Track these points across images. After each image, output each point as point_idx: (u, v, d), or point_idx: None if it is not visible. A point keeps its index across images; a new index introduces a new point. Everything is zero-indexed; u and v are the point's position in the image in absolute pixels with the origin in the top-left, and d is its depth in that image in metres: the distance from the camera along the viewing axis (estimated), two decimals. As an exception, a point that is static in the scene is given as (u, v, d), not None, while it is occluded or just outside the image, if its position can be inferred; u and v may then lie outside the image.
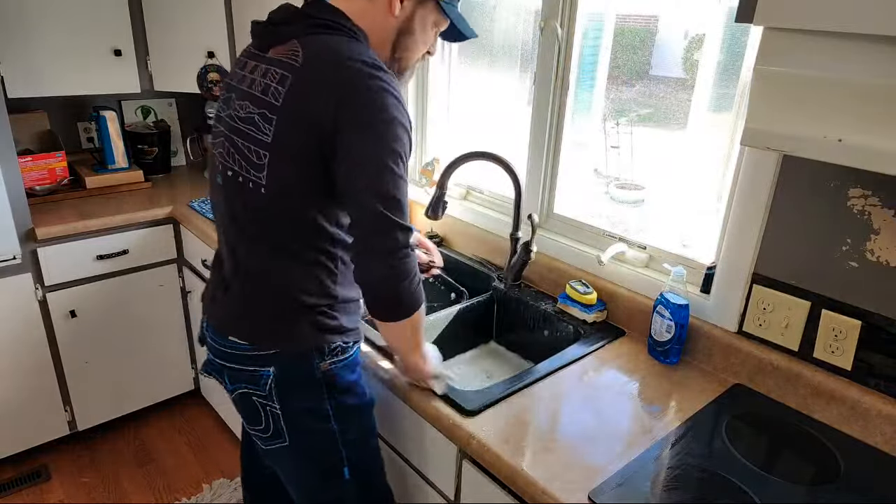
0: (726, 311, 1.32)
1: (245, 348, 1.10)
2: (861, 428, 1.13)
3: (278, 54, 1.01)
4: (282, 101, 0.97)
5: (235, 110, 1.05)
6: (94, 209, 2.15)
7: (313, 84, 0.96)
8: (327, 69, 0.96)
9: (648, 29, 1.53)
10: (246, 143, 1.02)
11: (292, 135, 0.97)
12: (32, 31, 2.03)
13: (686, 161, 1.51)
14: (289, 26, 1.03)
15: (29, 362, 2.09)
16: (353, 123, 0.95)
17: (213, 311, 1.17)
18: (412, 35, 1.12)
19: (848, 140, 0.82)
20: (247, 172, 1.02)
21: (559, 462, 1.04)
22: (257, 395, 1.11)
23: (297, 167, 0.99)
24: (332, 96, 0.94)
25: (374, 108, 0.96)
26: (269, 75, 1.00)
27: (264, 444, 1.18)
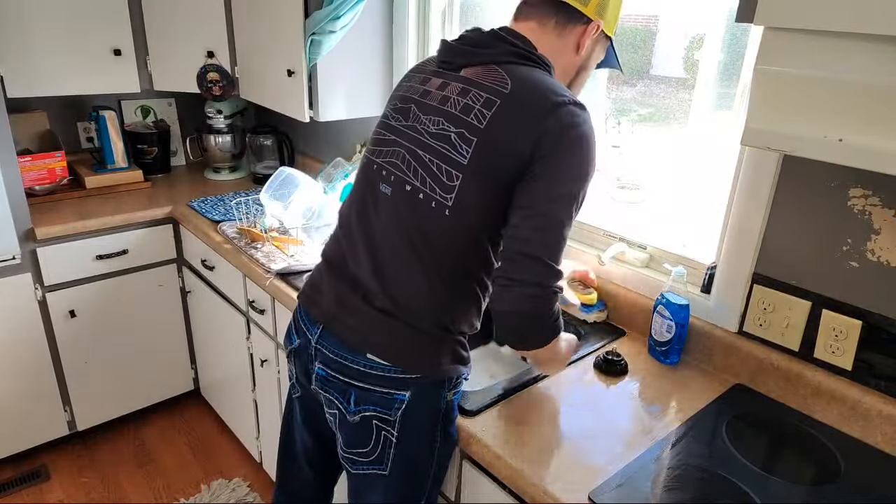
0: (727, 311, 1.32)
1: (385, 368, 1.03)
2: (861, 428, 1.13)
3: (478, 77, 1.01)
4: (486, 124, 0.96)
5: (423, 124, 1.02)
6: (94, 209, 2.15)
7: (522, 111, 0.96)
8: (537, 99, 0.96)
9: (648, 29, 1.52)
10: (436, 160, 0.99)
11: (491, 159, 0.96)
12: (32, 31, 2.03)
13: (686, 161, 1.51)
14: (486, 49, 1.03)
15: (29, 362, 2.09)
16: (551, 161, 0.95)
17: (343, 323, 1.08)
18: (587, 72, 1.16)
19: (848, 140, 0.82)
20: (431, 191, 0.99)
21: (559, 462, 1.04)
22: (381, 419, 1.06)
23: (486, 192, 0.97)
24: (540, 127, 0.94)
25: (577, 154, 0.96)
26: (471, 96, 0.99)
27: (357, 468, 1.12)
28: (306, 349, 1.14)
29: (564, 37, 1.08)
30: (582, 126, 0.96)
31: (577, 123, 0.96)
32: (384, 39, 2.03)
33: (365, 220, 1.09)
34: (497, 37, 1.05)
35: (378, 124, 1.14)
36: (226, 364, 2.21)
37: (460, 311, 1.06)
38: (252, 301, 1.87)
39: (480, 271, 1.05)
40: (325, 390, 1.11)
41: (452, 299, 1.04)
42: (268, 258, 1.79)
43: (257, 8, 2.06)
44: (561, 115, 0.95)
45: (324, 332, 1.10)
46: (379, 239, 1.06)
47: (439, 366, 1.05)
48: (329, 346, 1.09)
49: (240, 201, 2.16)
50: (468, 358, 1.10)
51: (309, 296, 1.16)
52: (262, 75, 2.15)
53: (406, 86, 1.12)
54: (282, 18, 1.93)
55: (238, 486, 2.17)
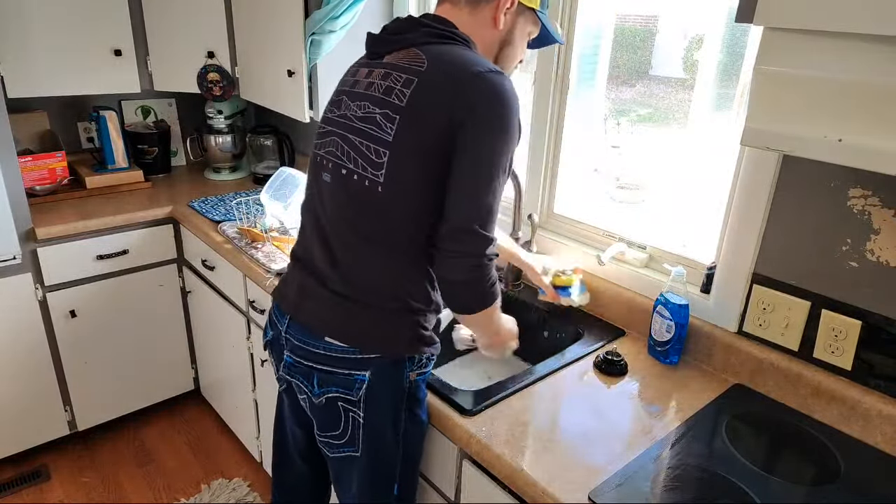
0: (726, 311, 1.32)
1: (343, 350, 1.07)
2: (861, 428, 1.13)
3: (399, 60, 1.04)
4: (406, 101, 0.99)
5: (352, 111, 1.07)
6: (94, 209, 2.15)
7: (439, 85, 0.99)
8: (454, 72, 0.99)
9: (648, 29, 1.53)
10: (365, 141, 1.03)
11: (414, 133, 0.99)
12: (32, 31, 2.03)
13: (686, 161, 1.51)
14: (405, 35, 1.07)
15: (29, 362, 2.09)
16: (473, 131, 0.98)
17: (304, 310, 1.13)
18: (512, 46, 1.16)
19: (848, 140, 0.82)
20: (363, 170, 1.03)
21: (559, 462, 1.04)
22: (345, 401, 1.09)
23: (415, 165, 1.00)
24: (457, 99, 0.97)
25: (497, 121, 0.99)
26: (392, 78, 1.02)
27: (333, 451, 1.16)
28: (278, 340, 1.19)
29: (478, 13, 1.10)
30: (499, 93, 0.98)
31: (493, 91, 0.98)
32: (384, 40, 2.03)
33: (314, 209, 1.14)
34: (416, 22, 1.09)
35: (320, 120, 1.18)
36: (226, 364, 2.22)
37: (413, 285, 1.08)
38: (252, 301, 1.88)
39: (427, 244, 1.05)
40: (292, 376, 1.16)
41: (402, 276, 1.07)
42: (268, 258, 1.79)
43: (257, 8, 2.06)
44: (476, 85, 0.98)
45: (290, 322, 1.15)
46: (326, 225, 1.10)
47: (397, 344, 1.08)
48: (294, 334, 1.14)
49: (240, 201, 2.17)
50: (430, 337, 1.12)
51: (279, 290, 1.22)
52: (262, 75, 2.15)
53: (342, 80, 1.17)
54: (282, 18, 1.93)
55: (238, 485, 2.17)
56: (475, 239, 1.01)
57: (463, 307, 1.09)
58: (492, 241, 1.03)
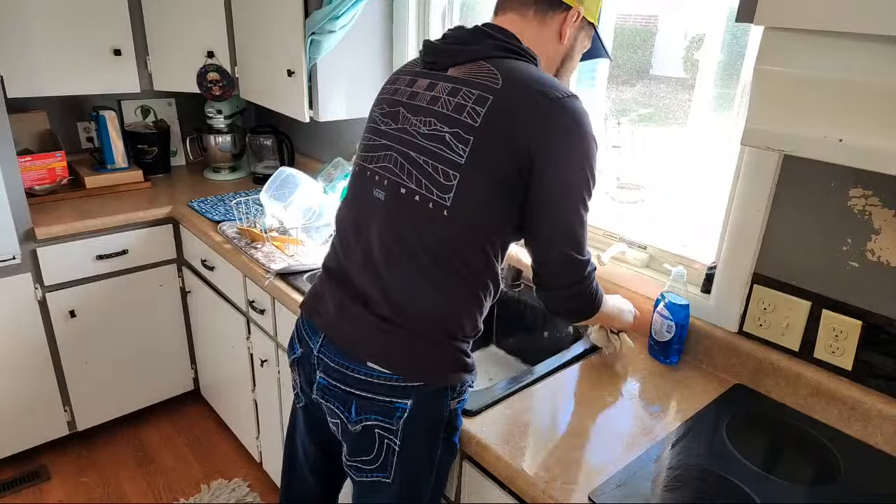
0: (727, 311, 1.32)
1: (386, 377, 1.02)
2: (861, 428, 1.13)
3: (467, 74, 1.00)
4: (481, 122, 0.95)
5: (414, 126, 1.01)
6: (94, 209, 2.15)
7: (518, 107, 0.95)
8: (532, 94, 0.96)
9: (648, 29, 1.53)
10: (431, 160, 0.98)
11: (489, 156, 0.95)
12: (32, 31, 2.03)
13: (686, 161, 1.51)
14: (471, 46, 1.03)
15: (29, 362, 2.09)
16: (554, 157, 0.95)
17: (344, 331, 1.07)
18: (572, 60, 1.15)
19: (848, 140, 0.82)
20: (428, 192, 0.98)
21: (559, 462, 1.04)
22: (382, 429, 1.04)
23: (488, 190, 0.96)
24: (536, 124, 0.94)
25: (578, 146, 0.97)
26: (462, 95, 0.98)
27: (361, 475, 1.10)
28: (308, 359, 1.13)
29: (545, 26, 1.08)
30: (578, 119, 0.97)
31: (573, 117, 0.96)
32: (384, 39, 2.03)
33: (361, 227, 1.08)
34: (481, 33, 1.04)
35: (367, 130, 1.13)
36: (226, 364, 2.21)
37: (462, 315, 1.04)
38: (252, 301, 1.87)
39: (483, 274, 1.03)
40: (327, 399, 1.10)
41: (454, 303, 1.02)
42: (268, 258, 1.79)
43: (257, 8, 2.06)
44: (557, 111, 0.95)
45: (325, 341, 1.09)
46: (376, 245, 1.04)
47: (442, 373, 1.03)
48: (330, 355, 1.07)
49: (240, 201, 2.16)
50: (472, 365, 1.08)
51: (311, 305, 1.15)
52: (262, 75, 2.15)
53: (392, 89, 1.11)
54: (282, 18, 1.93)
55: (238, 486, 2.17)
56: (573, 266, 1.02)
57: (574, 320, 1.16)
58: (588, 262, 1.04)
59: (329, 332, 1.09)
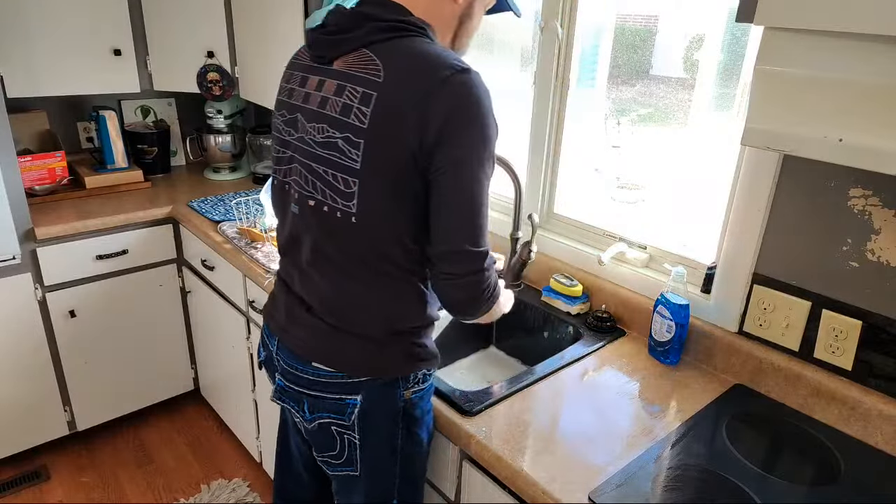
0: (727, 311, 1.32)
1: (332, 375, 1.04)
2: (861, 428, 1.13)
3: (350, 68, 0.94)
4: (368, 123, 0.90)
5: (310, 134, 0.98)
6: (94, 209, 2.15)
7: (404, 100, 0.89)
8: (417, 81, 0.89)
9: (648, 29, 1.53)
10: (330, 170, 0.95)
11: (382, 157, 0.91)
12: (32, 30, 2.03)
13: (686, 161, 1.51)
14: (352, 34, 0.96)
15: (29, 362, 2.09)
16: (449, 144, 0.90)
17: (292, 334, 1.09)
18: (472, 20, 1.07)
19: (848, 140, 0.82)
20: (333, 202, 0.96)
21: (559, 462, 1.04)
22: (338, 425, 1.06)
23: (390, 191, 0.93)
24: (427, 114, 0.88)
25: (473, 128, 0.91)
26: (347, 93, 0.93)
27: (332, 470, 1.14)
28: (271, 360, 1.16)
29: None
30: (471, 98, 0.90)
31: (465, 97, 0.89)
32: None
33: (289, 240, 1.09)
34: (361, 15, 0.96)
35: (273, 139, 1.10)
36: (226, 364, 2.21)
37: (403, 308, 1.04)
38: (252, 301, 1.87)
39: (414, 264, 1.01)
40: (283, 400, 1.13)
41: (391, 299, 1.02)
42: (268, 258, 1.79)
43: (257, 8, 2.06)
44: (446, 94, 0.88)
45: (279, 344, 1.12)
46: (303, 255, 1.05)
47: (387, 367, 1.04)
48: (284, 358, 1.10)
49: (240, 201, 2.16)
50: (428, 354, 1.08)
51: (268, 310, 1.18)
52: (261, 75, 2.15)
53: (288, 90, 1.06)
54: (282, 18, 1.93)
55: (238, 486, 2.17)
56: (469, 258, 0.96)
57: (466, 318, 1.07)
58: (485, 254, 0.98)
59: (280, 336, 1.11)
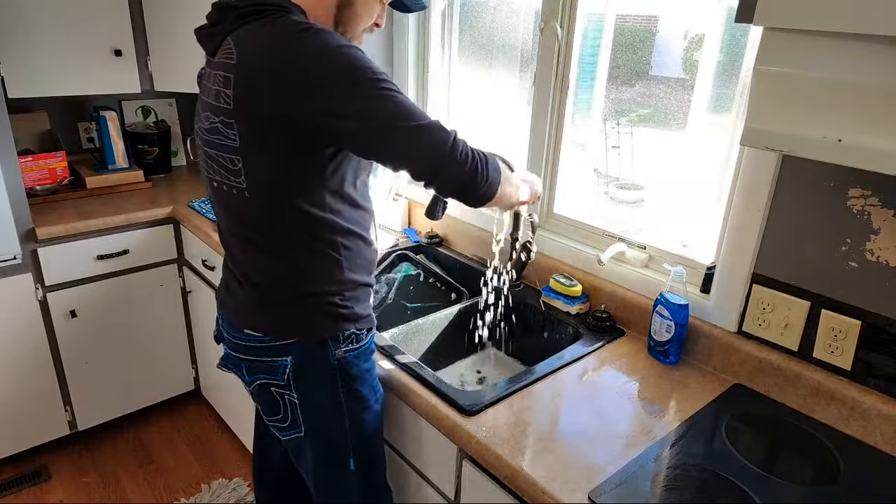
0: (726, 311, 1.32)
1: (262, 339, 1.11)
2: (861, 428, 1.13)
3: (219, 57, 1.01)
4: (234, 104, 0.95)
5: (202, 123, 1.07)
6: (95, 209, 2.15)
7: (257, 76, 0.92)
8: (265, 57, 0.91)
9: (648, 29, 1.53)
10: (218, 152, 1.03)
11: (257, 133, 0.95)
12: (32, 31, 2.03)
13: (686, 161, 1.51)
14: (219, 26, 1.02)
15: (29, 362, 2.09)
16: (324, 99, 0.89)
17: (228, 305, 1.19)
18: (352, 6, 1.05)
19: (848, 140, 0.82)
20: (227, 180, 1.04)
21: (559, 462, 1.04)
22: (275, 385, 1.14)
23: (272, 164, 0.97)
24: (283, 83, 0.89)
25: (336, 66, 0.89)
26: (216, 79, 0.99)
27: (282, 435, 1.21)
28: (221, 334, 1.24)
29: None
30: (315, 44, 0.89)
31: (315, 52, 0.88)
32: (384, 39, 2.03)
33: (216, 212, 1.17)
34: (224, 7, 1.01)
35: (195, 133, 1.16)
36: (226, 364, 2.22)
37: (313, 275, 1.08)
38: (252, 301, 1.87)
39: (319, 229, 1.04)
40: (227, 368, 1.23)
41: (305, 264, 1.07)
42: (268, 258, 1.79)
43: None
44: (291, 52, 0.89)
45: (223, 317, 1.21)
46: (225, 231, 1.15)
47: (310, 328, 1.10)
48: (225, 329, 1.19)
49: (240, 201, 2.17)
50: (351, 314, 1.11)
51: (217, 287, 1.27)
52: (262, 75, 2.15)
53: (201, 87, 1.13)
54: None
55: (238, 485, 2.17)
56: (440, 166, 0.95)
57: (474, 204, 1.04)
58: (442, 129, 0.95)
59: (223, 309, 1.21)
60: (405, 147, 0.94)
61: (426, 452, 1.27)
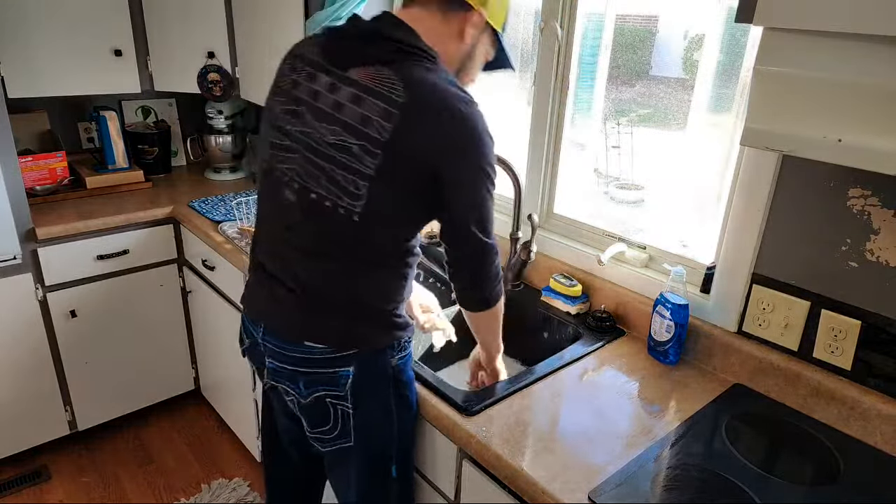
0: (726, 311, 1.32)
1: (322, 351, 1.09)
2: (861, 428, 1.13)
3: (370, 81, 1.00)
4: (389, 138, 0.97)
5: (319, 133, 1.03)
6: (95, 209, 2.15)
7: (424, 123, 0.99)
8: (437, 109, 0.99)
9: (648, 29, 1.53)
10: (339, 170, 1.01)
11: (397, 171, 1.00)
12: (32, 31, 2.03)
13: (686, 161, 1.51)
14: (371, 48, 1.03)
15: (29, 362, 2.09)
16: (463, 165, 1.02)
17: (273, 315, 1.14)
18: (473, 62, 1.16)
19: (848, 140, 0.82)
20: (338, 199, 1.01)
21: (559, 462, 1.04)
22: (333, 396, 1.12)
23: (398, 201, 1.02)
24: (442, 139, 0.99)
25: (480, 153, 1.03)
26: (366, 105, 0.99)
27: (326, 445, 1.18)
28: (256, 347, 1.20)
29: (448, 22, 1.09)
30: (475, 126, 1.02)
31: (472, 126, 1.01)
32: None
33: (277, 224, 1.12)
34: (379, 34, 1.05)
35: (270, 124, 1.12)
36: (226, 364, 2.22)
37: (384, 291, 1.11)
38: (252, 301, 1.87)
39: (400, 257, 1.10)
40: (277, 380, 1.17)
41: (377, 285, 1.10)
42: (268, 258, 1.79)
43: (258, 8, 2.06)
44: (458, 125, 1.00)
45: (266, 330, 1.16)
46: (291, 242, 1.09)
47: (373, 338, 1.11)
48: (272, 341, 1.14)
49: (240, 201, 2.17)
50: (404, 323, 1.16)
51: (247, 298, 1.22)
52: (262, 76, 2.15)
53: (291, 80, 1.10)
54: (282, 19, 1.93)
55: (238, 485, 2.17)
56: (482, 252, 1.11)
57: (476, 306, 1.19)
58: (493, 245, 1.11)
59: (265, 321, 1.16)
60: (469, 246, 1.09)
61: (426, 452, 1.27)
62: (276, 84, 1.13)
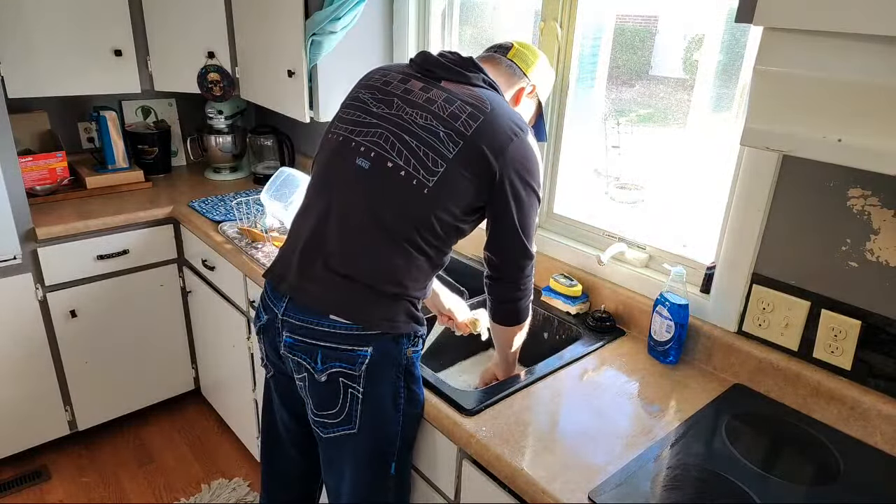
0: (726, 310, 1.32)
1: (347, 327, 1.12)
2: (861, 428, 1.13)
3: (461, 92, 1.16)
4: (472, 132, 1.11)
5: (410, 116, 1.15)
6: (95, 209, 2.15)
7: (500, 133, 1.13)
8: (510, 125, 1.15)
9: (648, 29, 1.53)
10: (423, 147, 1.12)
11: (471, 159, 1.12)
12: (33, 31, 2.03)
13: (686, 161, 1.51)
14: (466, 71, 1.19)
15: (29, 362, 2.09)
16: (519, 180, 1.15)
17: (307, 290, 1.17)
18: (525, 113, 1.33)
19: (848, 140, 0.82)
20: (415, 170, 1.11)
21: (559, 462, 1.04)
22: (346, 376, 1.14)
23: (464, 183, 1.12)
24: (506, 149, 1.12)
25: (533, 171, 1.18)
26: (457, 106, 1.14)
27: (328, 431, 1.19)
28: (273, 323, 1.21)
29: (510, 86, 1.29)
30: (531, 150, 1.17)
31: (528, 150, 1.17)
32: (384, 40, 2.03)
33: (333, 190, 1.18)
34: (474, 65, 1.22)
35: (352, 107, 1.23)
36: (226, 364, 2.22)
37: (414, 277, 1.16)
38: (252, 301, 1.88)
39: (446, 243, 1.18)
40: (294, 354, 1.18)
41: (410, 268, 1.15)
42: (268, 258, 1.79)
43: (257, 8, 2.06)
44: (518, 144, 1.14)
45: (289, 304, 1.18)
46: (345, 207, 1.15)
47: (396, 323, 1.15)
48: (295, 315, 1.17)
49: (240, 201, 2.17)
50: (422, 318, 1.21)
51: (275, 272, 1.24)
52: (262, 76, 2.15)
53: (384, 80, 1.23)
54: (282, 19, 1.93)
55: (238, 485, 2.17)
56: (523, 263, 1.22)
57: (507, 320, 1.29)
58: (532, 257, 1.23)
59: (293, 294, 1.18)
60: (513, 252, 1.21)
61: (426, 452, 1.27)
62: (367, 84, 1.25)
